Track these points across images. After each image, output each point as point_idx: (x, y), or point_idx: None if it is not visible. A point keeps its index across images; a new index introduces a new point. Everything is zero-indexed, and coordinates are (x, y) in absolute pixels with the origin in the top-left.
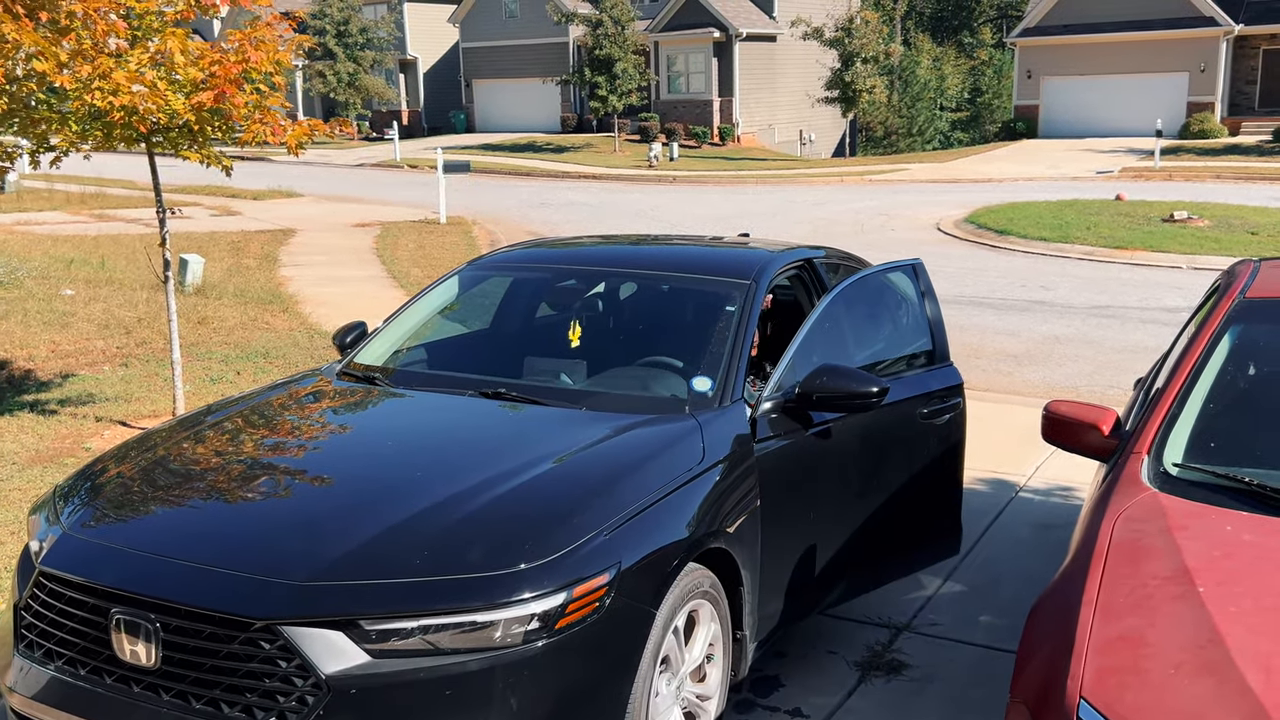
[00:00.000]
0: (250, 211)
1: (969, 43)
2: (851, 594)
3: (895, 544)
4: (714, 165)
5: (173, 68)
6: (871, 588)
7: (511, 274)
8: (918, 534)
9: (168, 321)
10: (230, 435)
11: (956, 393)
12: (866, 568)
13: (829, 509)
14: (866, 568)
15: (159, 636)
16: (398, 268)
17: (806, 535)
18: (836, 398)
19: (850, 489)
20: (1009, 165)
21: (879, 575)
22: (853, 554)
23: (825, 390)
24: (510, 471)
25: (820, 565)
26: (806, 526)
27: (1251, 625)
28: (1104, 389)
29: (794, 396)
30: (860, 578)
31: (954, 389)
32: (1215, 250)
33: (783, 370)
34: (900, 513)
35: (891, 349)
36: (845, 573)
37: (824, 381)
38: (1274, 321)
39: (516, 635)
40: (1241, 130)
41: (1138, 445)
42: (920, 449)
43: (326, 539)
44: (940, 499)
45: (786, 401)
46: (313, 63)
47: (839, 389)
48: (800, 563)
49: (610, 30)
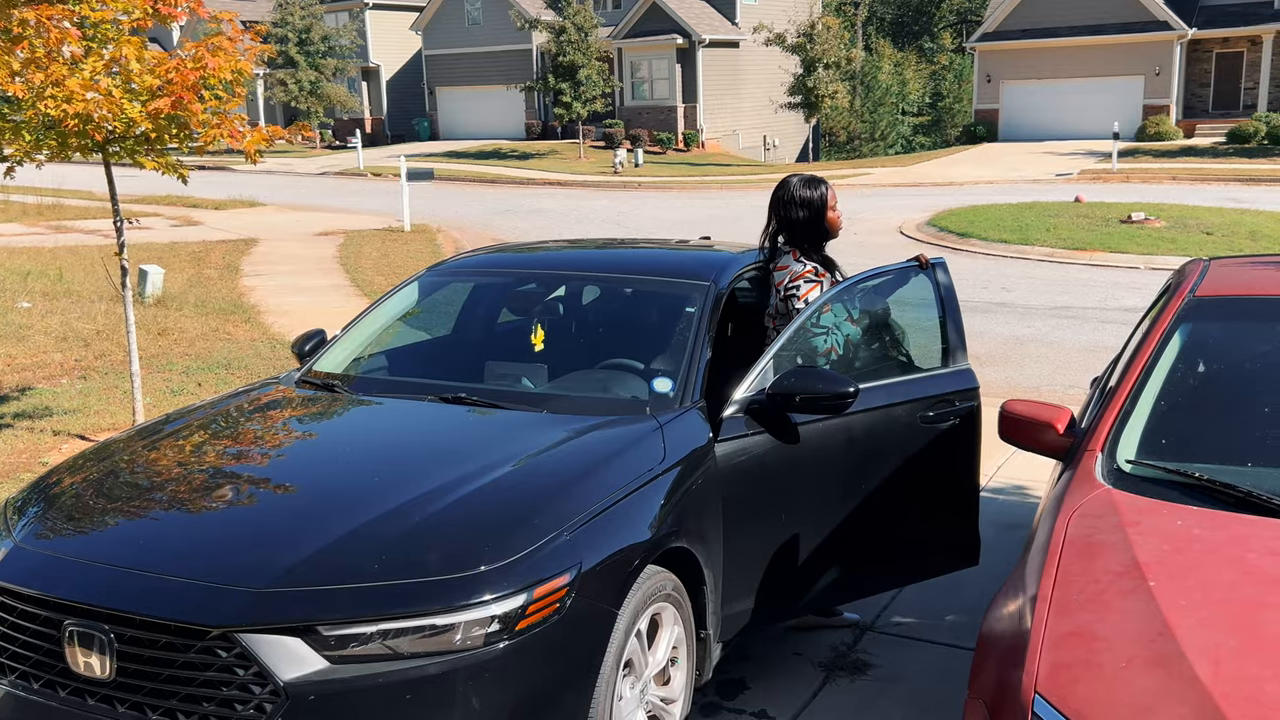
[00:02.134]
0: (212, 221)
1: (929, 48)
2: (834, 600)
3: (890, 552)
4: (679, 171)
5: (129, 75)
6: (859, 595)
7: (472, 279)
8: (921, 542)
9: (126, 333)
10: (187, 444)
11: (969, 396)
12: (851, 574)
13: (805, 512)
14: (851, 574)
15: (113, 648)
16: (362, 276)
17: (777, 537)
18: (807, 398)
19: (831, 492)
20: (970, 169)
21: (869, 582)
22: (834, 559)
23: (794, 391)
24: (469, 475)
25: (793, 569)
26: (777, 528)
27: (1201, 618)
28: (1064, 388)
29: (763, 398)
30: (843, 583)
31: (966, 392)
32: (1171, 250)
33: (759, 371)
34: (896, 519)
35: (891, 351)
36: (824, 578)
37: (793, 382)
38: (1223, 319)
39: (477, 638)
40: (1196, 132)
41: (1091, 443)
42: (922, 454)
43: (283, 545)
44: (950, 506)
45: (754, 403)
46: (274, 71)
47: (808, 390)
48: (770, 565)
49: (573, 37)
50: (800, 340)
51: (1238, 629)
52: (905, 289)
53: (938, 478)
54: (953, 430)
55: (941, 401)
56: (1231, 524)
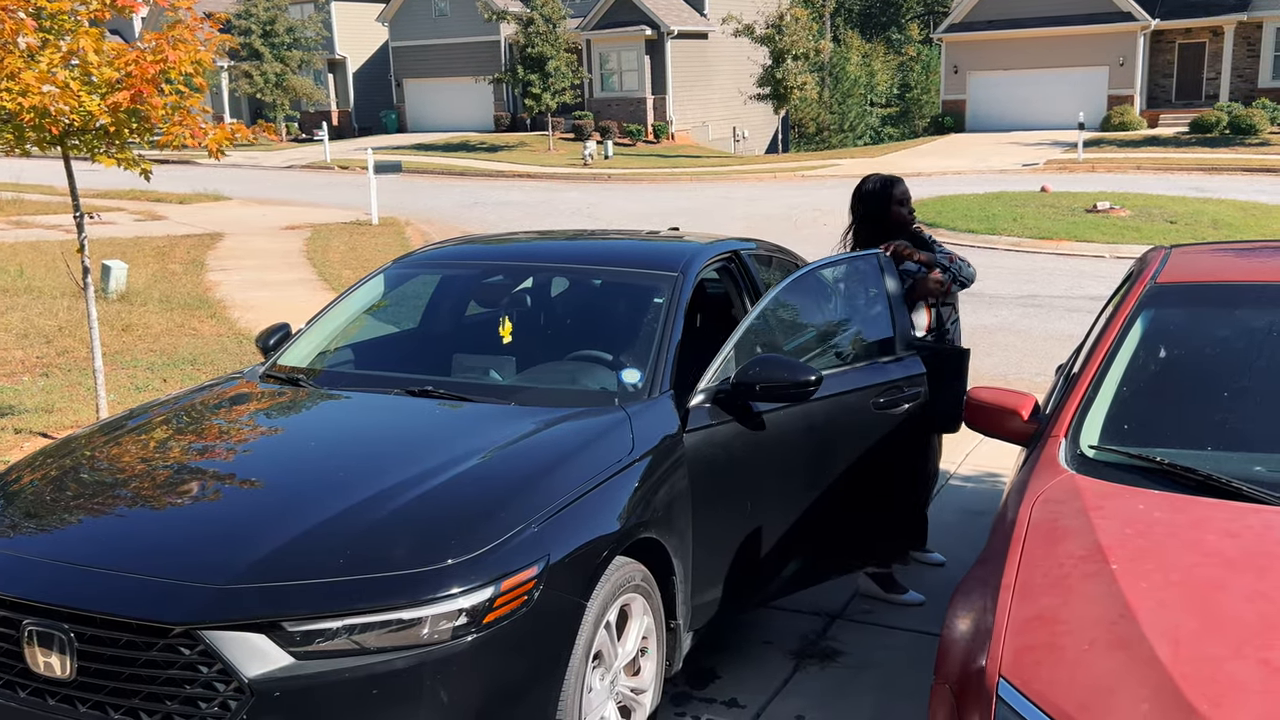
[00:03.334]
0: (176, 216)
1: (897, 39)
2: (798, 586)
3: (846, 537)
4: (649, 163)
5: (87, 68)
6: (819, 580)
7: (438, 271)
8: (874, 527)
9: (89, 329)
10: (149, 440)
11: (918, 382)
12: (813, 560)
13: (769, 500)
14: (813, 560)
15: (73, 647)
16: (329, 270)
17: (744, 526)
18: (770, 387)
19: (793, 480)
20: (937, 159)
21: (828, 567)
22: (797, 546)
23: (758, 380)
24: (436, 468)
25: (760, 556)
26: (744, 517)
27: (1161, 599)
28: (1032, 376)
29: (728, 387)
30: (806, 570)
31: (915, 378)
32: (1136, 239)
33: (721, 361)
34: (852, 505)
35: (845, 339)
36: (788, 564)
37: (757, 371)
38: (1184, 305)
39: (444, 631)
40: (1160, 122)
41: (1055, 429)
42: (875, 440)
43: (247, 541)
44: (900, 491)
45: (720, 392)
46: (238, 64)
47: (771, 378)
48: (738, 553)
49: (542, 28)
50: (760, 330)
51: (1197, 610)
52: (856, 278)
53: (888, 463)
54: (904, 416)
55: (892, 388)
56: (1192, 507)
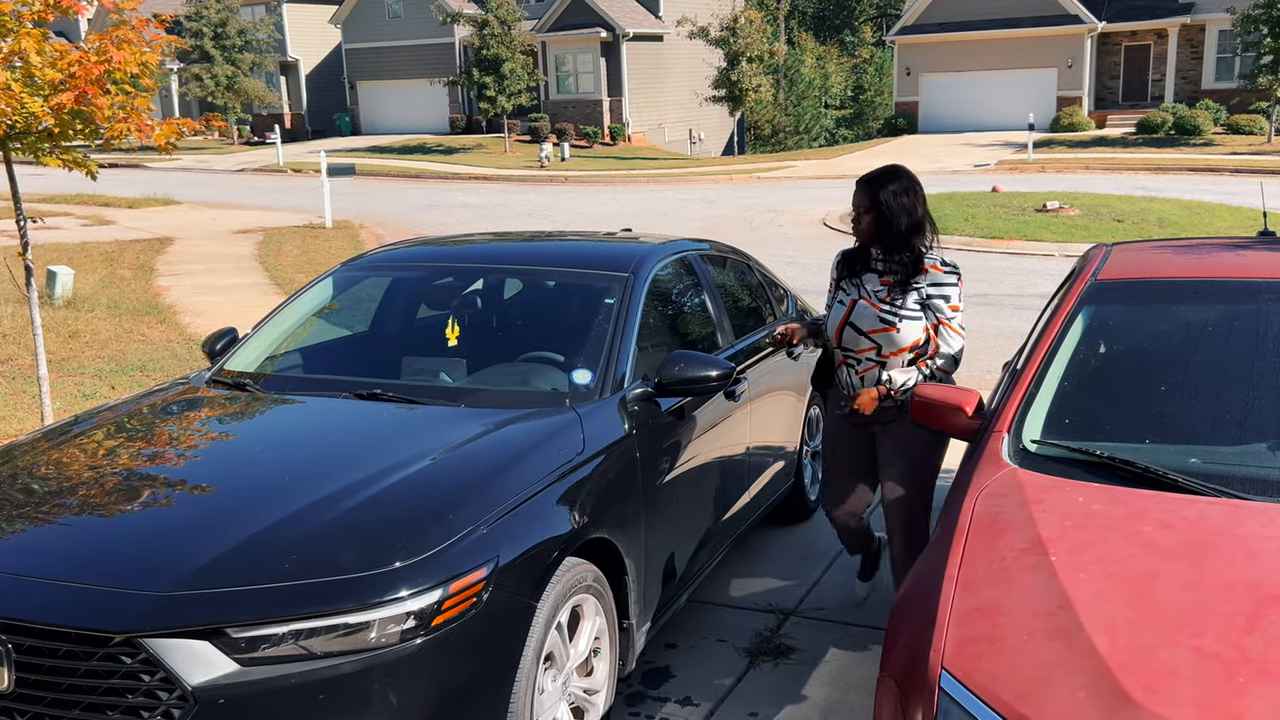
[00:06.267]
0: (125, 220)
1: (851, 41)
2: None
3: (748, 503)
4: (606, 165)
5: (29, 69)
6: (729, 547)
7: (388, 274)
8: (766, 489)
9: (33, 336)
10: (92, 447)
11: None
12: (724, 530)
13: (699, 487)
14: (724, 530)
15: (11, 658)
16: (281, 274)
17: (683, 516)
18: (691, 382)
19: (712, 464)
20: (891, 160)
21: (733, 531)
22: (717, 523)
23: (681, 377)
24: (383, 471)
25: (696, 542)
26: (682, 507)
27: (1098, 590)
28: (982, 374)
29: (655, 385)
30: (719, 539)
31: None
32: (1085, 238)
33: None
34: (750, 475)
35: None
36: (711, 541)
37: (680, 369)
38: (1123, 302)
39: (392, 635)
40: (1108, 123)
41: (998, 424)
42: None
43: (190, 547)
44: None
45: (648, 390)
46: (189, 66)
47: (694, 375)
48: (682, 544)
49: (497, 30)
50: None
51: (1133, 600)
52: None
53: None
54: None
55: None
56: (1130, 499)
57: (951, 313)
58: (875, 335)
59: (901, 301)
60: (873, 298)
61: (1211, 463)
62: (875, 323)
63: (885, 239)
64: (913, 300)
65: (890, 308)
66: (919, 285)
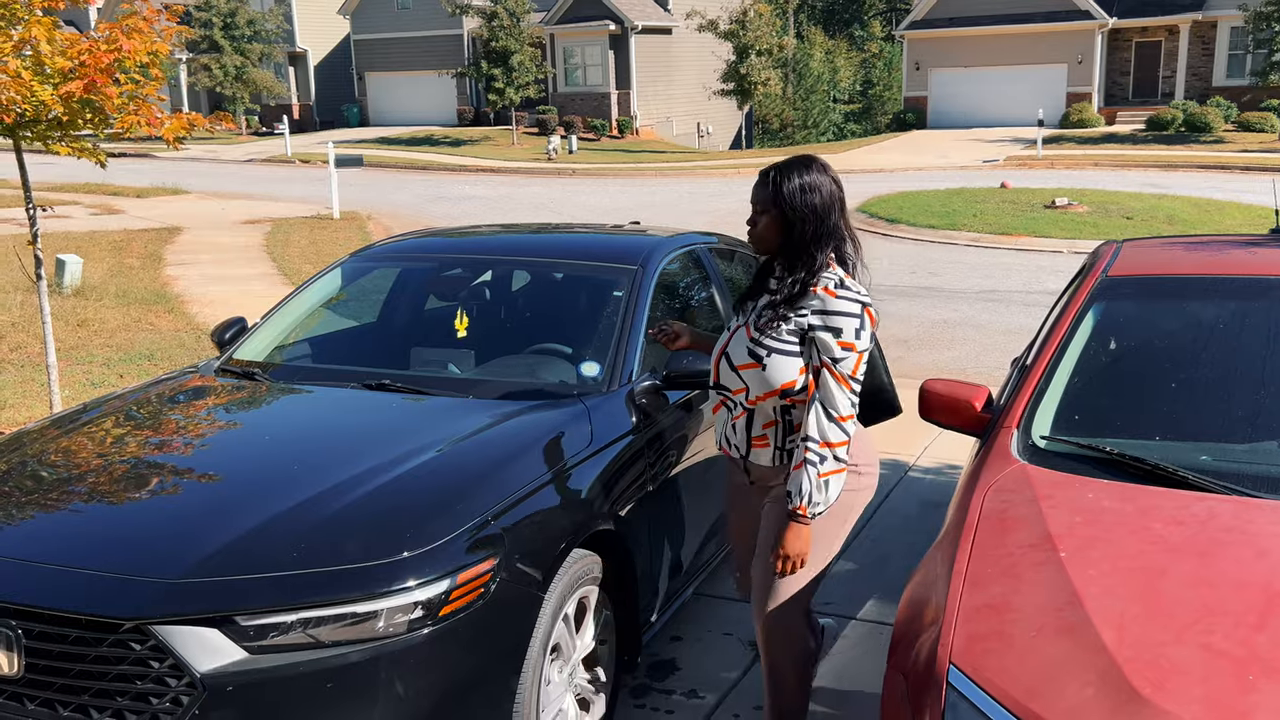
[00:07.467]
0: (133, 210)
1: (860, 35)
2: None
3: None
4: (613, 158)
5: (39, 57)
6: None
7: (397, 265)
8: None
9: (42, 324)
10: (101, 434)
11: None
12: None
13: (706, 480)
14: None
15: (21, 644)
16: (289, 265)
17: (690, 509)
18: (699, 375)
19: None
20: (899, 156)
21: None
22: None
23: (689, 370)
24: (392, 461)
25: (703, 535)
26: (689, 500)
27: (1107, 586)
28: (990, 369)
29: (663, 378)
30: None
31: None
32: (1093, 235)
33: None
34: None
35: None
36: (718, 534)
37: (688, 363)
38: (1134, 298)
39: (400, 625)
40: (1117, 119)
41: (1007, 420)
42: None
43: (200, 535)
44: None
45: (656, 383)
46: (198, 56)
47: (702, 368)
48: (688, 537)
49: (506, 22)
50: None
51: (1141, 596)
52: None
53: None
54: None
55: None
56: (1140, 496)
57: (842, 352)
58: (744, 372)
59: (776, 331)
60: (751, 325)
61: (1221, 460)
62: (745, 356)
63: (787, 248)
64: (788, 330)
65: (759, 337)
66: (802, 311)
